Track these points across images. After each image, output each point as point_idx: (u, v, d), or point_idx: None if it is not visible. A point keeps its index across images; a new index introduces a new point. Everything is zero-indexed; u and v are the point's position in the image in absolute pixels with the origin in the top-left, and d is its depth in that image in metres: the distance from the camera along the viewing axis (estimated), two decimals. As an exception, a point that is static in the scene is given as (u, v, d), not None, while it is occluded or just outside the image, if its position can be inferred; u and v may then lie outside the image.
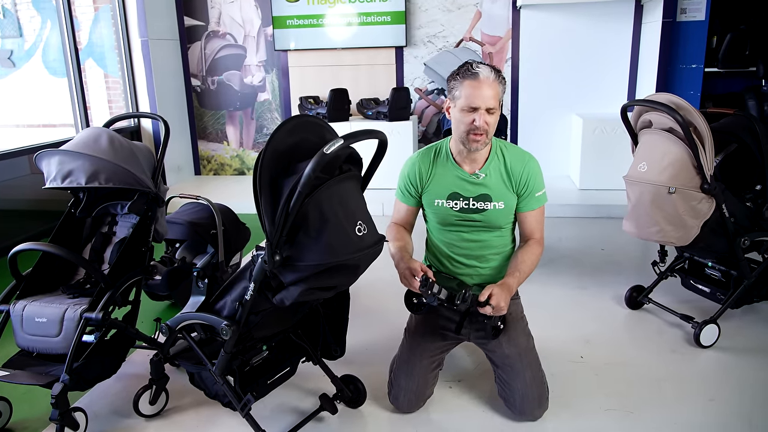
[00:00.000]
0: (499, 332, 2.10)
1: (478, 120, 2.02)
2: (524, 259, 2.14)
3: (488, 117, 2.03)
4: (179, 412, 2.31)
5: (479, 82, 2.00)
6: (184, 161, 6.40)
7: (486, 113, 2.02)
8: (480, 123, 2.02)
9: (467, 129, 2.05)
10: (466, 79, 2.02)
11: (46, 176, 2.29)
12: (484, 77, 2.00)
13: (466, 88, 2.01)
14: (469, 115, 2.03)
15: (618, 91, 5.68)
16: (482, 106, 2.01)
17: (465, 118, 2.04)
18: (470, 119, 2.03)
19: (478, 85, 2.00)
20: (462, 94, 2.03)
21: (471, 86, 2.01)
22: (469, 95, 2.01)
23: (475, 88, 2.00)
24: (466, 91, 2.02)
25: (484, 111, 2.01)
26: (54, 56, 6.65)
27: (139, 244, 2.38)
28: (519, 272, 2.10)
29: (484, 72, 2.02)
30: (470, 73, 2.02)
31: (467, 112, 2.03)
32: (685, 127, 2.42)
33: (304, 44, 6.00)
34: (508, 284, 2.04)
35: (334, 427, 2.20)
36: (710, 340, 2.72)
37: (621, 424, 2.19)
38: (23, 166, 4.62)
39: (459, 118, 2.06)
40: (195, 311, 1.97)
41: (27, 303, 2.20)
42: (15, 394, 2.33)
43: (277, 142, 1.65)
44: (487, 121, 2.02)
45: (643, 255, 3.99)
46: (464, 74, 2.03)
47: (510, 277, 2.08)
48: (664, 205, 2.53)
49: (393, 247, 2.17)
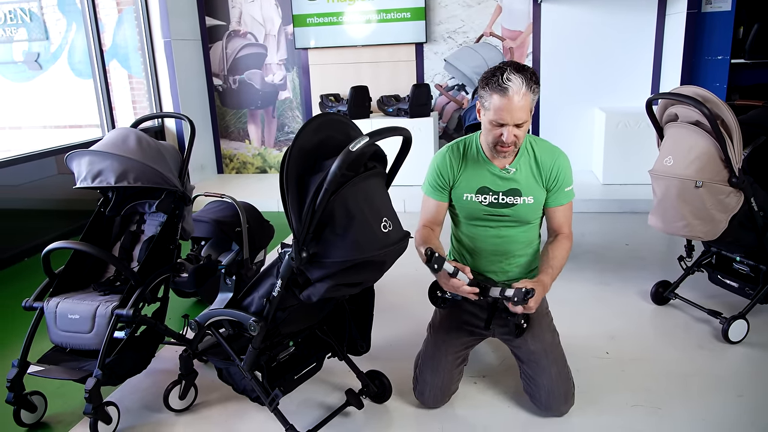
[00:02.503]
0: (523, 331, 2.09)
1: (506, 135, 2.00)
2: (555, 255, 2.13)
3: (516, 131, 2.00)
4: (208, 406, 2.35)
5: (508, 99, 1.93)
6: (207, 160, 6.47)
7: (514, 128, 2.00)
8: (507, 138, 2.00)
9: (495, 141, 2.04)
10: (495, 93, 1.96)
11: (77, 176, 2.34)
12: (513, 92, 1.93)
13: (495, 102, 1.96)
14: (497, 129, 2.01)
15: (641, 84, 5.61)
16: (510, 122, 1.98)
17: (493, 131, 2.02)
18: (498, 133, 2.01)
19: (506, 101, 1.94)
20: (491, 107, 1.98)
21: (500, 101, 1.95)
22: (497, 110, 1.97)
23: (503, 105, 1.95)
24: (494, 105, 1.97)
25: (512, 126, 1.99)
26: (79, 58, 6.78)
27: (167, 242, 2.42)
28: (552, 269, 2.09)
29: (515, 86, 1.93)
30: (500, 87, 1.94)
31: (495, 126, 2.01)
32: (712, 120, 2.39)
33: (324, 42, 6.02)
34: (543, 282, 2.03)
35: (360, 422, 2.22)
36: (739, 335, 2.68)
37: (648, 420, 2.17)
38: (51, 167, 4.72)
39: (488, 129, 2.05)
40: (223, 308, 2.00)
41: (60, 300, 2.26)
42: (50, 389, 2.40)
43: (303, 140, 1.67)
44: (516, 134, 2.00)
45: (669, 250, 3.94)
46: (494, 87, 1.96)
47: (544, 275, 2.06)
48: (691, 199, 2.50)
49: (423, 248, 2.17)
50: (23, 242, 4.35)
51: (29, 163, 4.51)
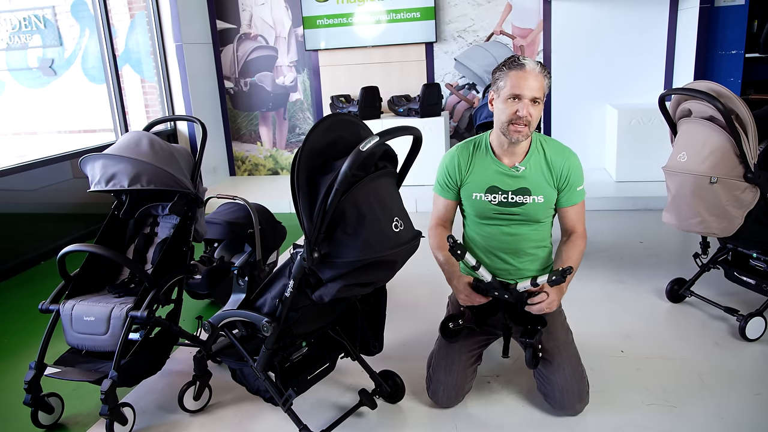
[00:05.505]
0: (539, 360, 2.10)
1: (522, 110, 2.01)
2: (570, 256, 2.14)
3: (532, 108, 2.02)
4: (222, 407, 2.36)
5: (525, 72, 2.00)
6: (219, 162, 6.52)
7: (530, 103, 2.01)
8: (523, 113, 2.01)
9: (509, 119, 2.04)
10: (512, 70, 2.02)
11: (91, 180, 2.36)
12: (530, 68, 2.01)
13: (512, 78, 2.01)
14: (513, 105, 2.02)
15: (654, 80, 5.56)
16: (527, 95, 2.00)
17: (508, 108, 2.03)
18: (513, 109, 2.02)
19: (524, 75, 2.00)
20: (507, 83, 2.03)
21: (516, 76, 2.01)
22: (514, 84, 2.01)
23: (520, 78, 2.00)
24: (511, 81, 2.02)
25: (529, 101, 2.01)
26: (93, 63, 6.85)
27: (180, 244, 2.44)
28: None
29: (530, 64, 2.02)
30: (516, 63, 2.02)
31: (511, 102, 2.02)
32: (726, 115, 2.36)
33: (334, 43, 6.04)
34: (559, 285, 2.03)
35: (373, 422, 2.22)
36: (756, 332, 2.65)
37: (664, 419, 2.15)
38: (66, 171, 4.77)
39: (502, 108, 2.06)
40: (236, 309, 2.01)
41: (75, 302, 2.28)
42: (66, 390, 2.43)
43: (314, 140, 1.68)
44: (530, 112, 2.02)
45: (684, 247, 3.90)
46: (510, 65, 2.04)
47: None
48: (705, 196, 2.47)
49: (441, 256, 2.20)
50: (40, 246, 4.41)
51: (45, 168, 4.57)
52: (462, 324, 2.14)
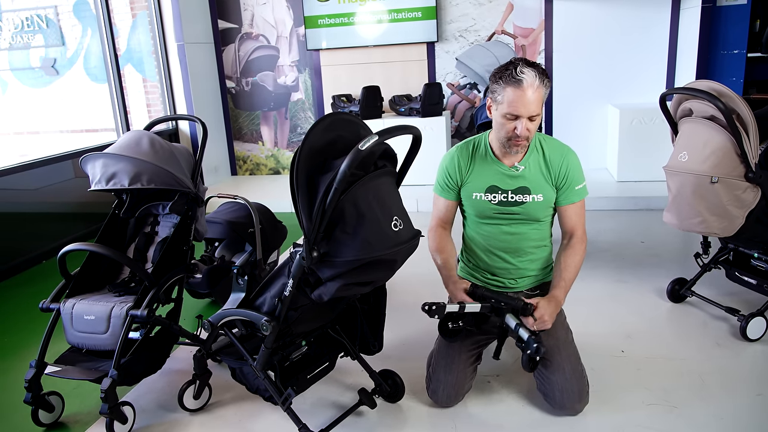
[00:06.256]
0: (536, 365, 2.08)
1: (520, 128, 1.99)
2: (568, 264, 2.13)
3: (530, 124, 2.00)
4: (222, 406, 2.37)
5: (522, 91, 1.94)
6: (220, 162, 6.52)
7: (528, 120, 1.99)
8: (521, 131, 2.00)
9: (508, 135, 2.03)
10: (509, 86, 1.96)
11: (91, 179, 2.36)
12: (527, 84, 1.93)
13: (509, 95, 1.96)
14: (511, 123, 2.00)
15: (656, 80, 5.55)
16: (525, 114, 1.97)
17: (507, 125, 2.02)
18: (512, 126, 2.01)
19: (521, 93, 1.94)
20: (504, 100, 1.98)
21: (514, 93, 1.95)
22: (511, 102, 1.96)
23: (518, 96, 1.95)
24: (508, 98, 1.97)
25: (526, 119, 1.99)
26: (95, 63, 6.87)
27: (180, 243, 2.44)
28: (564, 281, 2.10)
29: (528, 78, 1.94)
30: (514, 79, 1.94)
31: (509, 120, 2.00)
32: (727, 115, 2.36)
33: (335, 43, 6.04)
34: (556, 297, 2.05)
35: (373, 422, 2.22)
36: (758, 333, 2.64)
37: (664, 419, 2.15)
38: (68, 170, 4.78)
39: (501, 123, 2.04)
40: (236, 308, 2.02)
41: (76, 301, 2.29)
42: (66, 389, 2.43)
43: (313, 139, 1.68)
44: (528, 128, 2.00)
45: (685, 247, 3.90)
46: (507, 80, 1.96)
47: (557, 289, 2.08)
48: (706, 195, 2.47)
49: (439, 259, 2.20)
50: (41, 245, 4.42)
51: (47, 167, 4.58)
52: (461, 325, 2.14)
